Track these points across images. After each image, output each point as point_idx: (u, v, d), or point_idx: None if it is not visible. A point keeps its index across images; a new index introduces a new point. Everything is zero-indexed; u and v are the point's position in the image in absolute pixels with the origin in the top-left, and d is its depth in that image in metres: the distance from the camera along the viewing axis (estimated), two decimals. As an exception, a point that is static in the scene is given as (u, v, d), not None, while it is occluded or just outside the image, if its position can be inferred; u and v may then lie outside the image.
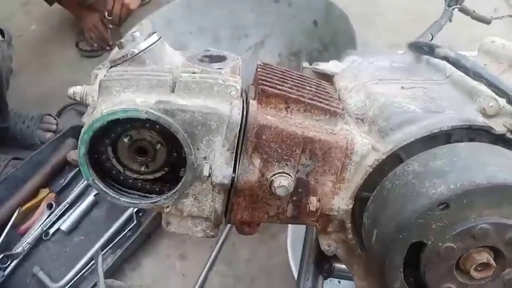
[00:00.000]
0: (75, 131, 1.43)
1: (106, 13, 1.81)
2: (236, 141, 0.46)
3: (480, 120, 0.44)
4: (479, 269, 0.41)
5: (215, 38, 1.77)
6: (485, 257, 0.40)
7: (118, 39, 0.51)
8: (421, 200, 0.39)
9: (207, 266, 1.20)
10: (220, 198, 0.49)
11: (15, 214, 1.30)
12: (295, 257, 1.08)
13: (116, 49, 0.52)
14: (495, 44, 0.55)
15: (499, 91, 0.44)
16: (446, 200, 0.38)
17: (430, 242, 0.40)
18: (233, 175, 0.46)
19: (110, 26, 1.89)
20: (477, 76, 0.46)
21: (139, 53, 0.48)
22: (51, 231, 1.29)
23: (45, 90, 1.74)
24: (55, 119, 1.58)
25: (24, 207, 1.32)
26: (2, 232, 1.25)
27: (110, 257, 1.23)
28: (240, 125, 0.46)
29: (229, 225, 1.29)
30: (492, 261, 0.40)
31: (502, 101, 0.45)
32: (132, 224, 1.27)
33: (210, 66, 0.50)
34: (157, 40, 0.49)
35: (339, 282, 1.25)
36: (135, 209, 1.28)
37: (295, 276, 0.83)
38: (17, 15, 2.32)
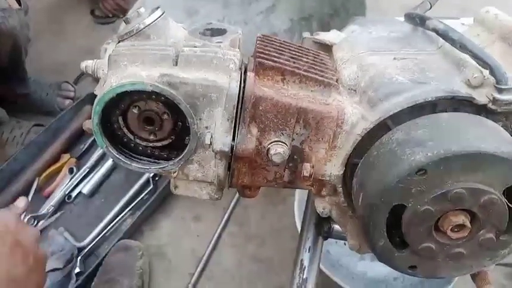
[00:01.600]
0: (92, 98, 1.47)
1: None
2: (235, 112, 0.50)
3: (463, 91, 0.46)
4: (456, 230, 0.45)
5: (226, 2, 1.76)
6: (461, 218, 0.44)
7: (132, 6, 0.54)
8: (401, 166, 0.42)
9: (220, 227, 1.26)
10: (222, 164, 0.53)
11: (39, 178, 1.37)
12: (301, 218, 1.13)
13: (123, 24, 0.55)
14: (489, 14, 0.56)
15: (483, 63, 0.46)
16: (424, 167, 0.41)
17: (410, 205, 0.43)
18: (232, 143, 0.50)
19: None
20: (463, 48, 0.48)
21: (144, 28, 0.51)
22: (74, 194, 1.36)
23: (62, 57, 1.78)
24: (73, 86, 1.63)
25: (47, 172, 1.39)
26: (28, 195, 1.33)
27: (129, 219, 1.30)
28: (238, 97, 0.49)
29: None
30: (468, 223, 0.44)
31: (486, 72, 0.47)
32: (150, 188, 1.34)
33: (211, 40, 0.53)
34: (161, 15, 0.52)
35: (345, 244, 1.30)
36: (152, 174, 1.34)
37: (300, 235, 0.88)
38: None
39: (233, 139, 0.50)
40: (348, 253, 1.26)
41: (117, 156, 0.53)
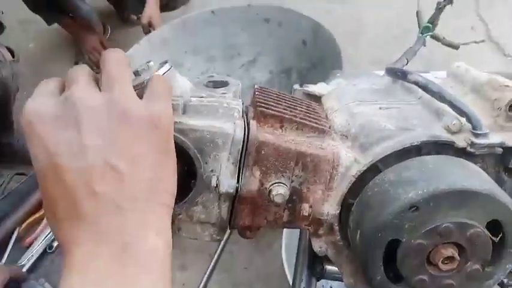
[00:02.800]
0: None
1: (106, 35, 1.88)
2: (239, 156, 0.54)
3: (444, 136, 0.52)
4: (446, 262, 0.49)
5: (209, 57, 1.86)
6: (450, 251, 0.48)
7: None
8: (395, 204, 0.46)
9: (206, 275, 1.26)
10: (225, 206, 0.56)
11: (20, 228, 1.35)
12: (289, 263, 1.15)
13: (133, 76, 0.59)
14: (460, 68, 0.64)
15: (460, 111, 0.53)
16: (415, 204, 0.46)
17: (404, 240, 0.47)
18: (237, 185, 0.54)
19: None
20: (442, 99, 0.54)
21: (154, 81, 0.55)
22: (55, 244, 1.34)
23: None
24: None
25: (28, 221, 1.37)
26: (8, 245, 1.30)
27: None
28: (243, 142, 0.54)
29: (225, 236, 1.35)
30: (456, 255, 0.48)
31: (463, 120, 0.53)
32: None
33: (215, 91, 0.58)
34: (170, 69, 0.57)
35: (331, 287, 1.32)
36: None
37: (290, 280, 0.90)
38: (14, 33, 2.38)
39: (237, 181, 0.54)
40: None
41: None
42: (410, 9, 0.93)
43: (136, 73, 0.58)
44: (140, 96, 0.45)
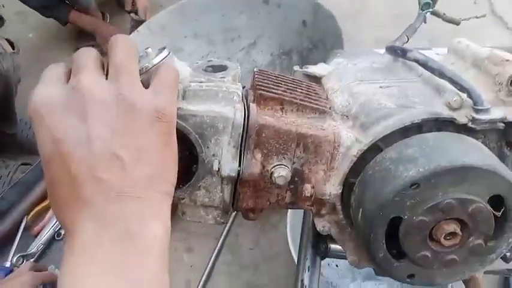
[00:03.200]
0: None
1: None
2: (240, 139, 0.54)
3: (445, 113, 0.52)
4: (448, 238, 0.49)
5: (209, 40, 1.84)
6: (452, 227, 0.48)
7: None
8: (396, 181, 0.47)
9: (213, 257, 1.28)
10: (228, 189, 0.57)
11: (28, 217, 1.37)
12: (295, 243, 1.16)
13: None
14: (461, 44, 0.63)
15: (460, 87, 0.52)
16: (416, 181, 0.46)
17: (405, 217, 0.48)
18: (238, 168, 0.54)
19: None
20: (442, 75, 0.54)
21: (152, 67, 0.55)
22: (63, 231, 1.36)
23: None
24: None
25: (35, 210, 1.39)
26: (17, 234, 1.32)
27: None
28: (243, 125, 0.54)
29: (231, 218, 1.36)
30: (458, 230, 0.48)
31: (464, 96, 0.53)
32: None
33: (214, 76, 0.58)
34: (168, 55, 0.57)
35: (337, 266, 1.34)
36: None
37: (295, 259, 0.91)
38: (13, 25, 2.38)
39: (239, 165, 0.54)
40: (340, 275, 1.29)
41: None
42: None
43: (135, 60, 0.58)
44: (145, 84, 0.45)
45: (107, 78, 0.43)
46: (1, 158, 1.48)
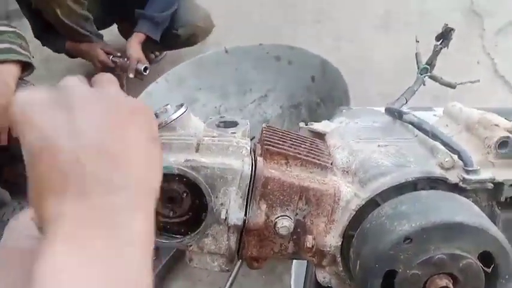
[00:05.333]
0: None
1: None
2: (247, 190, 0.58)
3: (438, 172, 0.56)
4: (441, 292, 0.52)
5: (223, 93, 1.94)
6: (444, 281, 0.51)
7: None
8: (391, 236, 0.50)
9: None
10: (234, 238, 0.60)
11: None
12: (299, 295, 1.16)
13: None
14: (455, 107, 0.68)
15: (452, 149, 0.57)
16: (409, 236, 0.49)
17: (400, 270, 0.51)
18: (244, 218, 0.58)
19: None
20: (435, 137, 0.58)
21: (171, 122, 0.61)
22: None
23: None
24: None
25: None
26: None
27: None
28: (250, 177, 0.58)
29: (236, 267, 1.37)
30: (450, 285, 0.51)
31: (455, 157, 0.57)
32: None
33: (226, 131, 0.63)
34: (185, 111, 0.62)
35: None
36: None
37: (299, 311, 0.92)
38: (38, 71, 2.50)
39: (245, 214, 0.58)
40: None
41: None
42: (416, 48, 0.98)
43: (155, 115, 0.64)
44: None
45: None
46: (17, 199, 1.52)
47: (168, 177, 0.58)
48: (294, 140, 0.67)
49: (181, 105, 0.63)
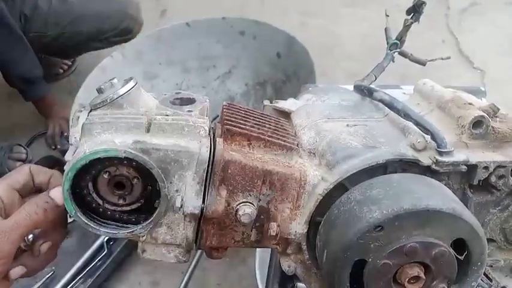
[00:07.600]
0: (45, 161, 1.45)
1: None
2: (205, 175, 0.53)
3: (410, 154, 0.52)
4: (412, 281, 0.48)
5: (184, 68, 1.84)
6: (416, 270, 0.48)
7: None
8: (360, 223, 0.46)
9: (178, 292, 1.23)
10: (191, 227, 0.55)
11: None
12: (263, 279, 1.14)
13: (96, 93, 0.57)
14: (426, 85, 0.65)
15: (424, 129, 0.53)
16: (380, 223, 0.45)
17: (370, 259, 0.47)
18: (202, 205, 0.52)
19: None
20: (406, 116, 0.54)
21: (117, 98, 0.54)
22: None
23: (14, 119, 1.75)
24: (25, 148, 1.60)
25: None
26: None
27: (80, 287, 1.24)
28: (208, 161, 0.52)
29: (199, 251, 1.33)
30: (422, 274, 0.48)
31: (428, 138, 0.53)
32: (103, 253, 1.29)
33: (181, 109, 0.57)
34: (134, 86, 0.55)
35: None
36: (106, 238, 1.29)
37: (263, 296, 0.89)
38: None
39: (203, 201, 0.53)
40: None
41: (86, 222, 0.53)
42: (385, 23, 0.94)
43: (100, 90, 0.57)
44: None
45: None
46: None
47: (114, 161, 0.51)
48: (257, 119, 0.62)
49: (130, 79, 0.56)
